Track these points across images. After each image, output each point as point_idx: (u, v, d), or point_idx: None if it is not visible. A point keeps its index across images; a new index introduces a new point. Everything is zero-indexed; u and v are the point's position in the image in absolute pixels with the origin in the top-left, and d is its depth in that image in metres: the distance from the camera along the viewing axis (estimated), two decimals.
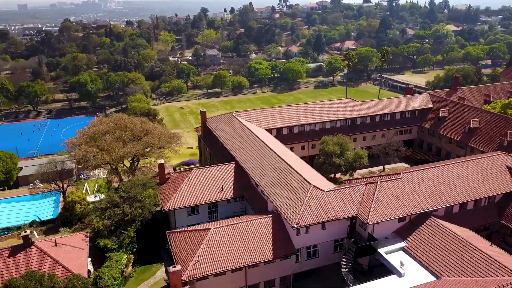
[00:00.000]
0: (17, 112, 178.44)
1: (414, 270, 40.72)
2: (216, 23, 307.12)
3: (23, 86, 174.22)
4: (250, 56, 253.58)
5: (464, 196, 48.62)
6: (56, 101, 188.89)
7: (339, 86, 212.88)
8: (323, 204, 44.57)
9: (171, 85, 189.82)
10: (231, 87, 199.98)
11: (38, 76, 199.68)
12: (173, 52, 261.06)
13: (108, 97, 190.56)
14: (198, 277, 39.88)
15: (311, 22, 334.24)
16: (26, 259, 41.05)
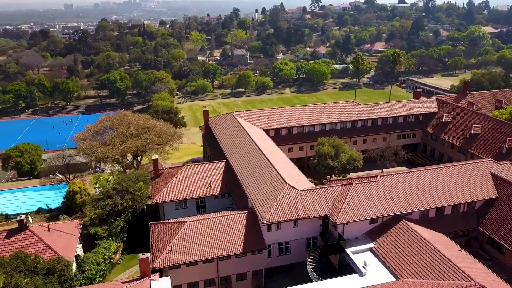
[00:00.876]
0: (51, 107, 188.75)
1: (377, 271, 41.94)
2: (246, 23, 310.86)
3: (58, 83, 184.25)
4: (277, 57, 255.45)
5: (440, 201, 49.07)
6: (88, 97, 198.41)
7: (365, 88, 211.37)
8: (295, 203, 46.47)
9: (196, 84, 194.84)
10: (254, 87, 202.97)
11: (73, 73, 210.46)
12: (203, 52, 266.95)
13: (136, 94, 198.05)
14: (169, 266, 42.85)
15: (343, 23, 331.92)
16: (20, 241, 45.51)
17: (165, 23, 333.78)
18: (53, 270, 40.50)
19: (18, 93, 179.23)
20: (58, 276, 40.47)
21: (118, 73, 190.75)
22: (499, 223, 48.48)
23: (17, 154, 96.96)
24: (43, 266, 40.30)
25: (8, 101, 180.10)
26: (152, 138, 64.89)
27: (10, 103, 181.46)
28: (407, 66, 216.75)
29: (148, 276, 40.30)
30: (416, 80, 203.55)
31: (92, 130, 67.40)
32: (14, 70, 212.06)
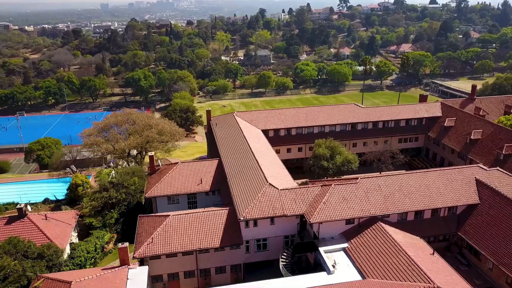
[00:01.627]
0: (78, 104, 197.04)
1: (346, 270, 43.25)
2: (272, 24, 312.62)
3: (85, 80, 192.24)
4: (301, 57, 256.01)
5: (418, 204, 49.71)
6: (113, 94, 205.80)
7: (386, 90, 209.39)
8: (274, 201, 48.32)
9: (217, 84, 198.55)
10: (274, 88, 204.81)
11: (101, 71, 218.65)
12: (227, 52, 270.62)
13: (159, 93, 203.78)
14: (149, 256, 45.65)
15: (370, 23, 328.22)
16: (18, 227, 49.51)
17: (192, 23, 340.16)
18: (43, 255, 44.13)
19: (48, 90, 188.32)
20: (46, 260, 44.06)
21: (142, 72, 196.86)
22: (477, 229, 48.65)
23: (38, 147, 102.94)
24: (34, 251, 43.97)
25: (39, 97, 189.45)
26: (153, 135, 68.14)
27: (41, 99, 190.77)
28: (431, 68, 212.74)
29: (127, 264, 43.30)
30: (440, 83, 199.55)
31: (98, 126, 71.36)
32: (46, 67, 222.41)
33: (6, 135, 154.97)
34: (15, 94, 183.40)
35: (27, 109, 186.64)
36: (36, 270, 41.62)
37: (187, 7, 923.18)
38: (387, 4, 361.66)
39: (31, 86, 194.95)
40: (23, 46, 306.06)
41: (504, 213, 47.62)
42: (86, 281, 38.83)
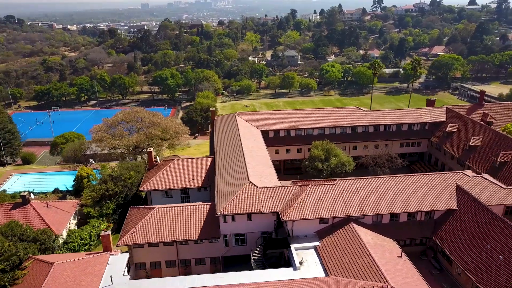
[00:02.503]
0: (109, 100, 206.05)
1: (312, 267, 45.12)
2: (302, 25, 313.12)
3: (116, 78, 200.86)
4: (328, 59, 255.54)
5: (393, 208, 50.71)
6: (142, 92, 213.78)
7: (413, 93, 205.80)
8: (252, 198, 50.78)
9: (241, 84, 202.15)
10: (298, 89, 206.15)
11: (132, 70, 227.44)
12: (255, 52, 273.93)
13: (186, 92, 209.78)
14: (132, 244, 49.29)
15: (403, 25, 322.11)
16: (21, 213, 54.60)
17: (223, 23, 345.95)
18: (37, 239, 48.69)
19: (81, 87, 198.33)
20: (40, 244, 48.58)
21: (169, 71, 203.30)
22: (451, 234, 49.16)
23: (63, 141, 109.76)
24: (29, 234, 48.59)
25: (73, 93, 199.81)
26: (155, 133, 72.10)
27: (74, 96, 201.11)
28: (462, 72, 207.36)
29: (109, 251, 47.12)
30: (469, 87, 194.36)
31: (107, 123, 76.19)
32: (82, 65, 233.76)
33: (41, 128, 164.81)
34: (51, 90, 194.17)
35: (62, 105, 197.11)
36: (29, 252, 46.09)
37: (224, 6, 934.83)
38: (422, 5, 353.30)
39: (66, 83, 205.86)
40: (63, 44, 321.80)
41: (478, 220, 47.93)
42: (68, 263, 42.86)
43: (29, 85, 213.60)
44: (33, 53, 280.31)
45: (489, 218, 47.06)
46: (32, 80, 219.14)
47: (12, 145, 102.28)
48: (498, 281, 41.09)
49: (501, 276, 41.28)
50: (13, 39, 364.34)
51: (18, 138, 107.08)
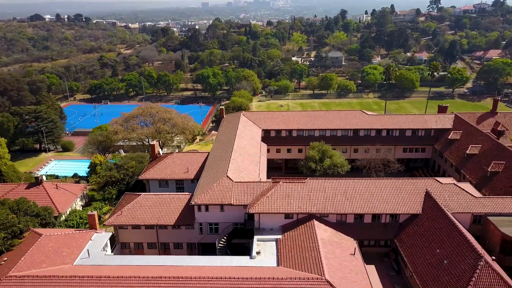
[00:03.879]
0: (154, 96, 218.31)
1: (267, 257, 48.68)
2: (351, 25, 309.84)
3: (161, 75, 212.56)
4: (374, 61, 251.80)
5: (357, 208, 52.81)
6: (186, 89, 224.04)
7: (458, 99, 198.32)
8: (225, 191, 55.21)
9: (279, 84, 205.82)
10: (336, 90, 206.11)
11: (179, 67, 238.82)
12: (300, 53, 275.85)
13: (227, 90, 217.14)
14: (117, 225, 55.57)
15: (460, 26, 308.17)
16: (32, 192, 63.04)
17: (271, 23, 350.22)
18: (39, 214, 56.45)
19: (130, 82, 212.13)
20: (41, 219, 56.30)
21: (211, 70, 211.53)
22: (411, 237, 50.47)
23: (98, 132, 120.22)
24: (33, 210, 56.47)
25: (122, 88, 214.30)
26: (163, 127, 78.54)
27: (123, 90, 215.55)
28: None
29: (95, 229, 53.76)
30: None
31: (124, 116, 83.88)
32: (133, 62, 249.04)
33: (90, 120, 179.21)
34: (102, 85, 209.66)
35: (112, 99, 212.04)
36: (30, 225, 53.82)
37: (282, 6, 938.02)
38: (483, 5, 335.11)
39: (117, 79, 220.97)
40: (120, 42, 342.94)
41: (436, 226, 48.95)
42: (55, 236, 49.89)
43: (85, 79, 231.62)
44: (92, 50, 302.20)
45: (445, 224, 47.98)
46: (89, 75, 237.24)
47: (53, 133, 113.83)
48: (439, 284, 42.40)
49: (442, 280, 42.55)
50: (79, 36, 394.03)
51: (60, 127, 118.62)
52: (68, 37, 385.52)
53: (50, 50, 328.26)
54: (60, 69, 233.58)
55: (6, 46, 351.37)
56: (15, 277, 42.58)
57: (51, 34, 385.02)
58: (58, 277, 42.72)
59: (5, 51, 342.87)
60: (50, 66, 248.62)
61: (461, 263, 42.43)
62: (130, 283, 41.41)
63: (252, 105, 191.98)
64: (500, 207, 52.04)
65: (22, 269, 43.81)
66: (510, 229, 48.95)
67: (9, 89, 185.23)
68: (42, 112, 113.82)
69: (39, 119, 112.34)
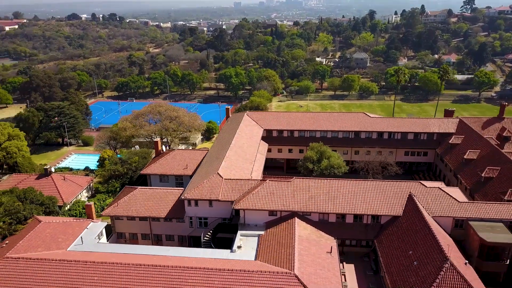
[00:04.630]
0: (178, 94, 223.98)
1: (247, 251, 50.81)
2: (379, 26, 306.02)
3: (186, 74, 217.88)
4: (400, 62, 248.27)
5: (339, 208, 54.17)
6: (210, 89, 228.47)
7: (484, 103, 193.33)
8: (214, 187, 57.81)
9: (300, 84, 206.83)
10: (358, 92, 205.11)
11: (204, 67, 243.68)
12: (325, 53, 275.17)
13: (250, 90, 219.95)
14: (113, 216, 59.20)
15: (494, 28, 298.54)
16: (41, 182, 67.80)
17: (298, 23, 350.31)
18: (43, 203, 60.91)
19: (155, 80, 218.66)
20: (45, 207, 60.74)
21: (234, 70, 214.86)
22: (389, 238, 51.41)
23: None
24: (38, 199, 60.99)
25: (147, 86, 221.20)
26: (168, 125, 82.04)
27: (149, 88, 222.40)
28: None
29: (92, 218, 57.61)
30: None
31: (134, 114, 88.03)
32: (160, 60, 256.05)
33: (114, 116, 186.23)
34: (129, 83, 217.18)
35: (137, 96, 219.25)
36: (34, 212, 58.27)
37: (315, 6, 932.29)
38: None
39: (143, 77, 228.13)
40: (150, 41, 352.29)
41: (413, 228, 49.72)
42: (53, 223, 53.97)
43: (114, 77, 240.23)
44: (123, 48, 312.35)
45: (421, 226, 48.69)
46: (117, 73, 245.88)
47: (75, 129, 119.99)
48: (407, 285, 43.40)
49: (410, 280, 43.52)
50: (113, 35, 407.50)
51: (82, 123, 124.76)
52: (102, 35, 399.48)
53: (85, 49, 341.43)
54: (90, 67, 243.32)
55: (44, 44, 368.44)
56: (11, 258, 46.74)
57: (86, 33, 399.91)
58: (49, 260, 46.57)
59: (43, 48, 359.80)
60: (82, 63, 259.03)
61: (429, 264, 43.25)
62: (111, 269, 44.72)
63: (272, 105, 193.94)
64: (483, 213, 52.10)
65: (19, 251, 47.93)
66: (489, 234, 49.10)
67: (41, 86, 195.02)
68: (64, 108, 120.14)
69: (61, 115, 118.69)
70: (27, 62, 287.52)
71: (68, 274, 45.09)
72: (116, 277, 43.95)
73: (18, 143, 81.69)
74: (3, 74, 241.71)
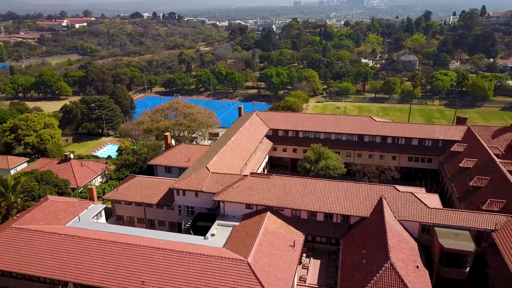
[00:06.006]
0: (221, 92, 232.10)
1: (218, 239, 55.14)
2: (433, 27, 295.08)
3: (228, 73, 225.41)
4: (451, 66, 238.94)
5: (310, 206, 56.91)
6: (252, 87, 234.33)
7: None
8: (201, 180, 62.79)
9: (340, 86, 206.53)
10: (400, 95, 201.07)
11: (249, 66, 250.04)
12: (373, 55, 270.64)
13: (290, 90, 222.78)
14: (113, 200, 66.15)
15: None
16: (60, 166, 76.73)
17: (349, 24, 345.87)
18: (57, 185, 69.33)
19: (200, 78, 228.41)
20: (58, 188, 69.12)
21: (275, 69, 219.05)
22: (352, 238, 53.42)
23: None
24: (53, 181, 69.51)
25: (193, 83, 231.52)
26: (181, 121, 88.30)
27: (194, 86, 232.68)
28: None
29: (93, 201, 64.97)
30: None
31: (154, 109, 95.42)
32: (208, 59, 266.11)
33: None
34: (175, 80, 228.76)
35: (183, 93, 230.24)
36: (47, 192, 66.74)
37: (377, 5, 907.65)
38: None
39: (190, 74, 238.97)
40: (202, 39, 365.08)
41: (373, 229, 51.44)
42: (58, 202, 61.78)
43: (164, 74, 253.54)
44: (175, 46, 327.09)
45: (380, 228, 50.33)
46: (167, 70, 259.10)
47: (112, 121, 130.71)
48: (353, 281, 45.70)
49: (355, 277, 45.76)
50: (171, 33, 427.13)
51: (119, 116, 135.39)
52: (161, 33, 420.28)
53: (144, 46, 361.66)
54: (143, 63, 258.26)
55: (108, 41, 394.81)
56: (15, 228, 54.85)
57: (146, 31, 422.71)
58: (45, 232, 54.12)
59: (106, 45, 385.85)
60: (136, 60, 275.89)
61: (374, 263, 45.19)
62: (91, 244, 51.40)
63: (308, 106, 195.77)
64: (451, 220, 52.50)
65: (23, 223, 55.98)
66: (449, 240, 49.68)
67: (96, 80, 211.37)
68: (104, 102, 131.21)
69: (101, 108, 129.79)
70: (90, 57, 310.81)
71: (60, 246, 52.28)
72: (92, 251, 50.70)
73: (51, 131, 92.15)
74: (67, 69, 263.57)
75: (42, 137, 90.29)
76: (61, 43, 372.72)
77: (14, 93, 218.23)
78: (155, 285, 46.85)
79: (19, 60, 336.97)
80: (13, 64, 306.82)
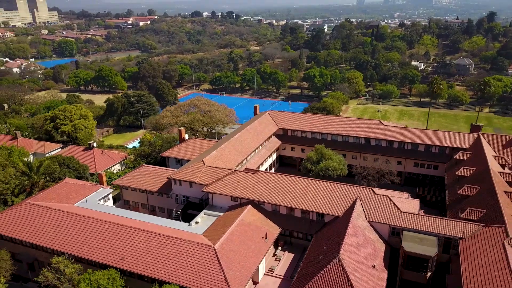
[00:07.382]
0: (264, 91, 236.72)
1: (201, 227, 59.77)
2: (496, 30, 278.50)
3: (272, 73, 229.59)
4: (509, 71, 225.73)
5: (288, 202, 59.85)
6: (295, 87, 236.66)
7: None
8: (196, 172, 67.92)
9: (383, 88, 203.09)
10: (447, 100, 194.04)
11: (295, 66, 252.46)
12: (426, 57, 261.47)
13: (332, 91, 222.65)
14: (121, 186, 73.21)
15: None
16: (84, 153, 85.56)
17: (404, 25, 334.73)
18: (76, 169, 77.85)
19: (244, 77, 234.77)
20: (77, 173, 77.61)
21: (318, 70, 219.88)
22: (322, 235, 55.71)
23: None
24: (74, 165, 78.11)
25: (237, 82, 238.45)
26: (197, 117, 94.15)
27: (239, 84, 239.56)
28: None
29: (103, 185, 72.50)
30: None
31: (177, 105, 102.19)
32: (256, 58, 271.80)
33: None
34: (221, 78, 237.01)
35: (228, 91, 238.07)
36: (66, 175, 75.35)
37: (447, 4, 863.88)
38: None
39: (236, 73, 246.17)
40: (253, 38, 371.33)
41: (340, 228, 53.44)
42: (71, 184, 69.84)
43: (213, 71, 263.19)
44: (227, 45, 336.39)
45: (344, 226, 52.28)
46: (216, 68, 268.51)
47: (149, 115, 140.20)
48: (306, 274, 48.43)
49: (309, 270, 48.42)
50: (227, 32, 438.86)
51: (156, 110, 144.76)
52: (218, 32, 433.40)
53: (201, 43, 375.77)
54: (194, 61, 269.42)
55: (167, 39, 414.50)
56: (29, 203, 63.35)
57: (204, 29, 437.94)
58: (53, 209, 62.01)
59: (166, 42, 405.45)
60: (189, 57, 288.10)
61: (327, 259, 47.51)
62: (88, 221, 58.38)
63: (348, 108, 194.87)
64: (419, 225, 53.09)
65: (37, 200, 64.41)
66: (412, 244, 50.55)
67: (147, 76, 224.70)
68: (143, 97, 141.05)
69: (140, 102, 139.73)
70: (148, 54, 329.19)
71: (62, 221, 59.85)
72: (86, 228, 57.56)
73: (85, 122, 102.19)
74: (126, 64, 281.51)
75: (76, 127, 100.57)
76: (125, 40, 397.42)
77: (77, 86, 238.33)
78: (133, 261, 52.60)
79: (87, 56, 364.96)
80: (81, 59, 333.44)
